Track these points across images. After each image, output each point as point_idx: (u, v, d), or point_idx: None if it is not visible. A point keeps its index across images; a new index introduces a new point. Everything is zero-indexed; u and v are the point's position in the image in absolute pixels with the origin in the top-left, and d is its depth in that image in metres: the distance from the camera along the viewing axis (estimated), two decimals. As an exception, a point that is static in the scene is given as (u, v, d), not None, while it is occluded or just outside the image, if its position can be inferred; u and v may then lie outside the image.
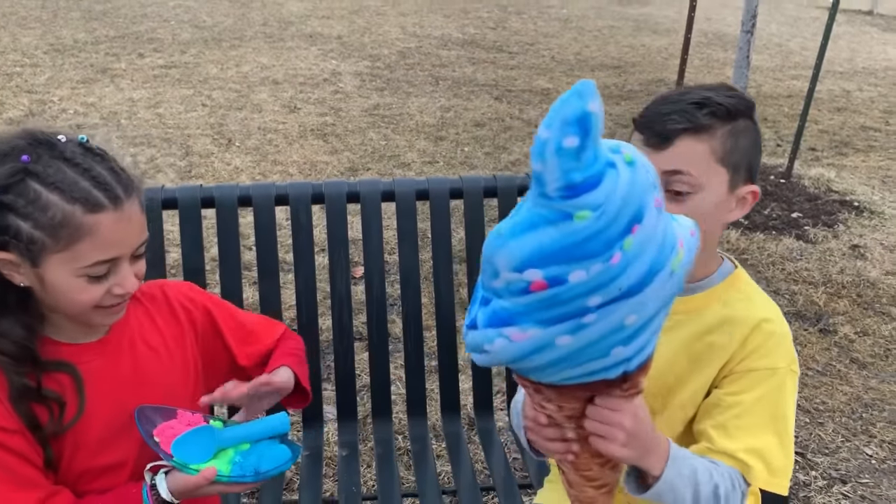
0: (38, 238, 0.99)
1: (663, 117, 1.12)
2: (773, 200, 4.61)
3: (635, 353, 0.89)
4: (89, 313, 1.07)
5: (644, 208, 0.81)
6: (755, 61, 9.37)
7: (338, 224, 1.73)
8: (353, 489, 1.57)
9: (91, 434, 1.09)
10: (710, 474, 1.11)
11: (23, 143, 1.01)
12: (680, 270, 0.86)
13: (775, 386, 1.14)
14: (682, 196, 1.11)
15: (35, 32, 8.45)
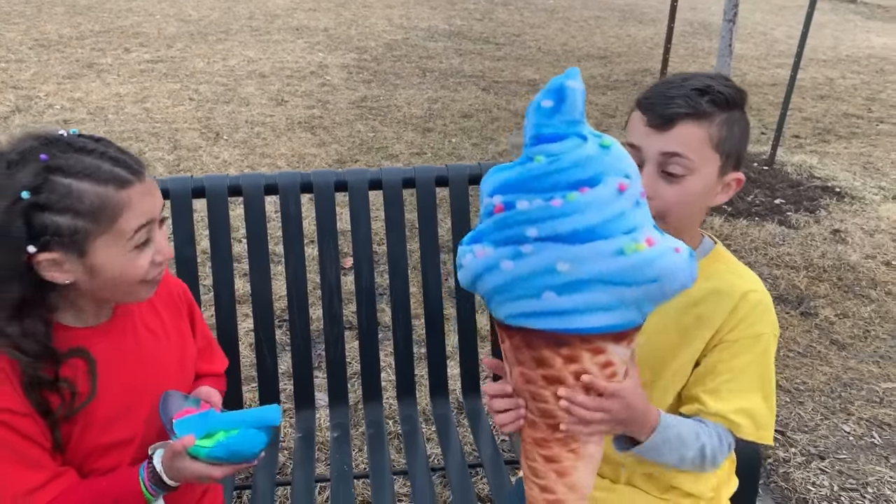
0: (81, 227, 1.03)
1: (667, 100, 1.17)
2: (757, 187, 4.68)
3: (582, 310, 0.99)
4: (137, 288, 1.13)
5: (599, 179, 0.96)
6: (739, 50, 9.44)
7: (327, 213, 1.78)
8: (344, 468, 1.62)
9: (99, 413, 1.14)
10: (696, 436, 1.20)
11: (34, 144, 1.05)
12: (636, 256, 0.96)
13: (761, 351, 1.21)
14: (677, 178, 1.17)
15: (19, 28, 8.41)
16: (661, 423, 1.18)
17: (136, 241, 1.08)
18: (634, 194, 0.98)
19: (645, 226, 0.99)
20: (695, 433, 1.21)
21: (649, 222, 1.00)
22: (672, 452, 1.20)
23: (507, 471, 1.63)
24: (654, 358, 1.27)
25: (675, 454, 1.20)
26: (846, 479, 2.37)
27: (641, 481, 1.33)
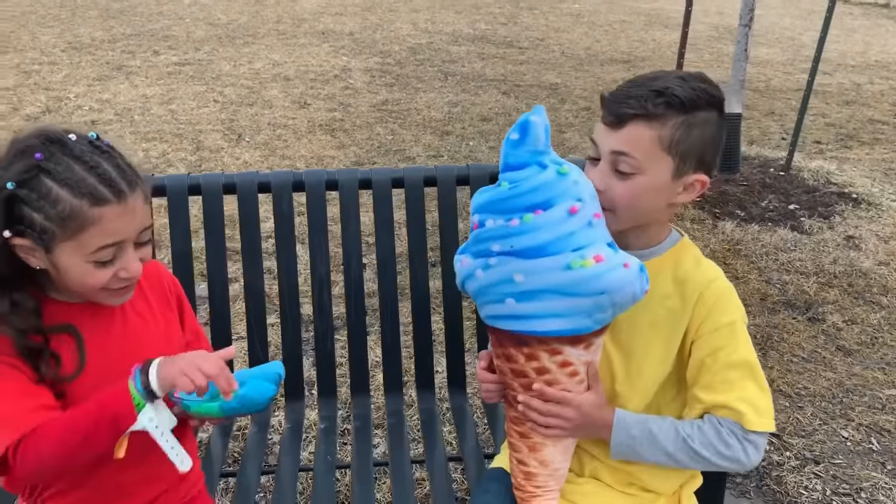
0: (49, 228, 1.10)
1: (623, 100, 1.20)
2: (771, 192, 4.66)
3: (536, 315, 1.15)
4: (98, 294, 1.19)
5: (552, 203, 1.12)
6: (766, 55, 9.37)
7: (318, 210, 1.84)
8: (327, 458, 1.68)
9: (86, 388, 1.20)
10: (674, 431, 1.25)
11: (37, 141, 1.12)
12: (581, 271, 1.11)
13: (739, 337, 1.24)
14: (626, 175, 1.21)
15: (54, 31, 8.64)
16: (616, 419, 1.25)
17: (98, 257, 1.14)
18: (587, 216, 1.13)
19: (595, 244, 1.13)
20: (672, 428, 1.26)
21: (602, 240, 1.14)
22: (650, 450, 1.26)
23: (486, 464, 1.67)
24: (627, 353, 1.30)
25: (654, 451, 1.25)
26: (840, 484, 2.37)
27: (606, 474, 1.36)
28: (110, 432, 1.13)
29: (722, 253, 3.95)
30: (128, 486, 1.27)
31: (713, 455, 1.24)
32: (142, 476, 1.26)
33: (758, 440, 1.24)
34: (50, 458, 1.12)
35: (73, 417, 1.14)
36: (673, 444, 1.24)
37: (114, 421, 1.13)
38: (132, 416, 1.13)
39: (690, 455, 1.24)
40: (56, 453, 1.12)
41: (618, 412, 1.27)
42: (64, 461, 1.14)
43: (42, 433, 1.12)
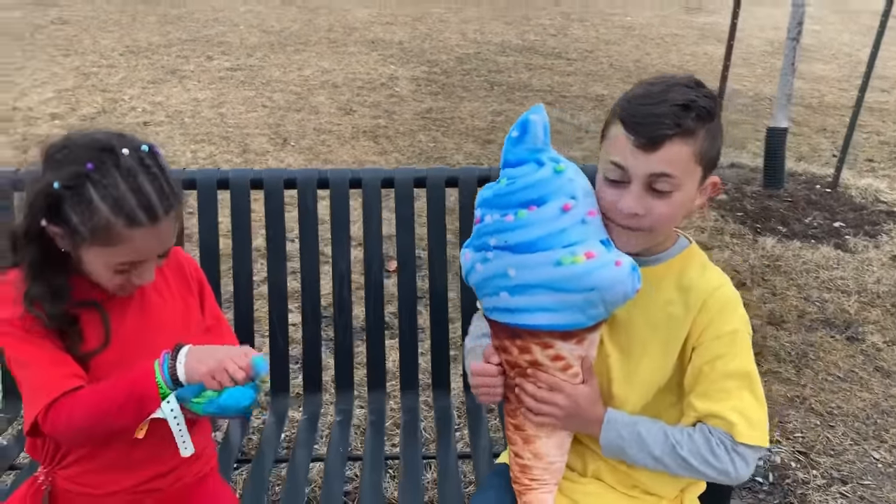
0: (81, 231, 1.17)
1: (654, 120, 1.15)
2: (816, 209, 4.56)
3: (528, 309, 1.18)
4: (109, 287, 1.27)
5: (546, 200, 1.15)
6: (821, 71, 9.18)
7: (341, 208, 1.88)
8: (340, 450, 1.71)
9: (108, 361, 1.27)
10: (663, 435, 1.25)
11: (92, 150, 1.18)
12: (571, 267, 1.13)
13: (740, 347, 1.23)
14: (664, 194, 1.19)
15: (113, 35, 8.94)
16: (607, 418, 1.26)
17: (118, 268, 1.21)
18: (580, 213, 1.15)
19: (588, 240, 1.14)
20: (662, 432, 1.25)
21: (595, 237, 1.16)
22: (638, 452, 1.25)
23: (493, 462, 1.68)
24: (626, 354, 1.30)
25: (641, 453, 1.25)
26: (867, 506, 2.32)
27: (608, 475, 1.36)
28: (136, 411, 1.20)
29: (761, 268, 3.89)
30: (140, 460, 1.32)
31: (700, 464, 1.23)
32: (153, 452, 1.31)
33: (747, 453, 1.23)
34: (79, 423, 1.20)
35: (106, 389, 1.21)
36: (660, 449, 1.24)
37: (140, 402, 1.20)
38: (157, 402, 1.20)
39: (678, 462, 1.24)
40: (85, 420, 1.20)
41: (610, 411, 1.28)
42: (91, 429, 1.22)
43: (76, 398, 1.19)
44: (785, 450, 2.56)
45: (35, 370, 1.22)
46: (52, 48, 8.18)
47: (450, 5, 12.42)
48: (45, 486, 1.32)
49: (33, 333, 1.22)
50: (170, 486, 1.38)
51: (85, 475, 1.33)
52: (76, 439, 1.28)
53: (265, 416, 1.94)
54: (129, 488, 1.34)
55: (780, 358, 3.11)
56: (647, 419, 1.29)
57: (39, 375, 1.21)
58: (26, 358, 1.22)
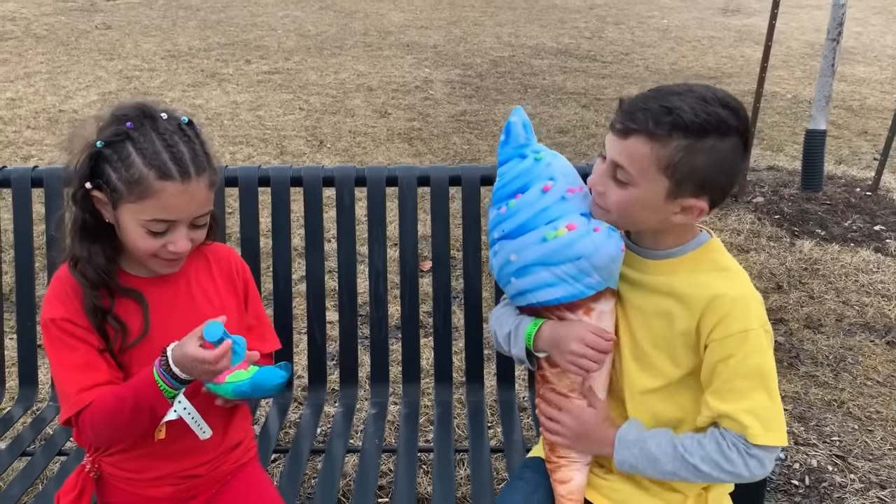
0: (119, 188, 1.24)
1: (632, 111, 1.19)
2: (856, 212, 4.49)
3: (533, 288, 1.29)
4: (148, 259, 1.32)
5: (529, 186, 1.27)
6: (864, 73, 9.01)
7: (377, 205, 1.92)
8: (376, 441, 1.74)
9: (148, 351, 1.32)
10: (672, 448, 1.26)
11: (133, 112, 1.27)
12: (556, 241, 1.23)
13: (753, 346, 1.22)
14: (620, 183, 1.23)
15: (155, 40, 9.14)
16: (618, 438, 1.30)
17: (151, 227, 1.26)
18: (559, 191, 1.26)
19: (568, 214, 1.24)
20: (671, 445, 1.26)
21: (576, 211, 1.25)
22: (650, 468, 1.28)
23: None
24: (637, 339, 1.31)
25: (654, 470, 1.28)
26: (906, 511, 2.28)
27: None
28: (149, 417, 1.26)
29: (798, 272, 3.84)
30: (181, 449, 1.37)
31: (713, 469, 1.23)
32: (194, 442, 1.35)
33: (762, 455, 1.22)
34: (102, 432, 1.29)
35: (117, 401, 1.26)
36: (672, 463, 1.25)
37: (151, 409, 1.25)
38: (166, 405, 1.25)
39: (690, 470, 1.25)
40: (106, 429, 1.28)
41: (619, 430, 1.30)
42: (115, 435, 1.31)
43: (94, 411, 1.26)
44: (822, 453, 2.53)
45: (62, 375, 1.29)
46: (96, 52, 8.39)
47: (485, 9, 12.45)
48: (93, 472, 1.38)
49: (71, 335, 1.28)
50: (209, 473, 1.42)
51: (128, 461, 1.38)
52: (105, 443, 1.36)
53: (302, 410, 1.97)
54: (171, 474, 1.39)
55: (818, 362, 3.08)
56: (658, 432, 1.29)
57: (65, 384, 1.28)
58: (56, 363, 1.30)
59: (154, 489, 1.39)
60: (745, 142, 1.21)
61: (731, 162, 1.20)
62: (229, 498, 1.43)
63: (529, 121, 1.33)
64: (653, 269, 1.30)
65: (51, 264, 1.93)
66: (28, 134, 5.71)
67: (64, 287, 1.31)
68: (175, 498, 1.40)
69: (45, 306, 1.32)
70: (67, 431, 1.86)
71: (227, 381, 1.27)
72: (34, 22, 9.93)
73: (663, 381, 1.30)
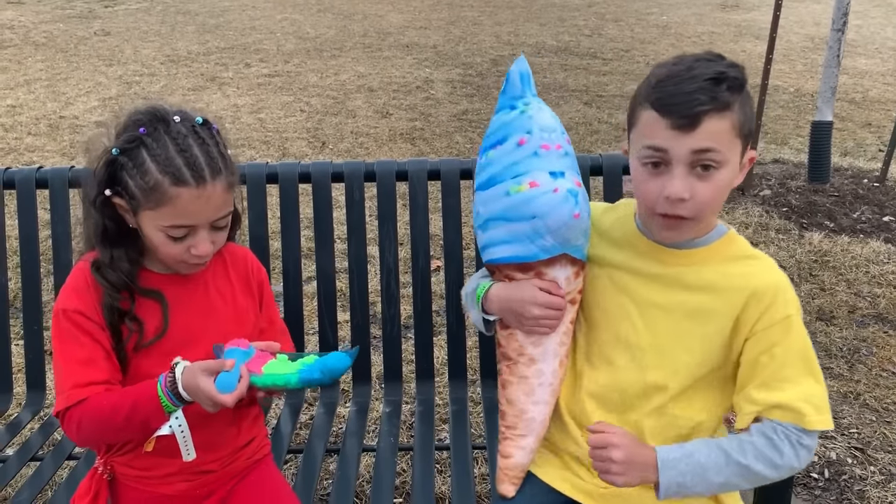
0: (137, 195, 1.23)
1: (687, 98, 1.13)
2: (865, 203, 4.46)
3: (490, 243, 1.27)
4: (174, 264, 1.31)
5: (507, 138, 1.23)
6: (865, 65, 8.99)
7: (387, 200, 1.89)
8: (391, 439, 1.71)
9: (165, 349, 1.31)
10: (724, 455, 1.18)
11: (146, 117, 1.25)
12: (516, 196, 1.20)
13: (795, 332, 1.19)
14: (708, 174, 1.16)
15: (154, 45, 9.12)
16: (661, 459, 1.19)
17: (170, 232, 1.25)
18: (533, 146, 1.21)
19: (535, 171, 1.20)
20: (720, 451, 1.19)
21: (545, 168, 1.20)
22: (700, 483, 1.19)
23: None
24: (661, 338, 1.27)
25: (704, 483, 1.19)
26: (929, 502, 2.24)
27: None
28: (141, 428, 1.25)
29: (808, 264, 3.81)
30: (194, 446, 1.33)
31: (767, 467, 1.18)
32: (205, 442, 1.33)
33: (810, 443, 1.20)
34: (87, 433, 1.26)
35: (112, 405, 1.24)
36: (724, 470, 1.18)
37: (145, 421, 1.24)
38: (162, 419, 1.23)
39: (743, 474, 1.19)
40: (93, 430, 1.26)
41: (659, 450, 1.20)
42: (99, 438, 1.30)
43: (84, 410, 1.24)
44: (840, 446, 2.49)
45: (62, 368, 1.27)
46: (95, 58, 8.37)
47: (483, 8, 12.43)
48: (106, 474, 1.35)
49: (81, 328, 1.27)
50: (222, 469, 1.40)
51: (138, 458, 1.36)
52: (87, 444, 1.37)
53: (314, 410, 1.94)
54: (183, 470, 1.36)
55: (832, 354, 3.04)
56: (698, 442, 1.23)
57: (63, 377, 1.27)
58: (60, 354, 1.28)
59: (167, 486, 1.37)
60: None
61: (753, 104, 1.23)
62: (244, 494, 1.41)
63: (529, 71, 1.27)
64: (682, 258, 1.26)
65: (57, 267, 1.90)
66: (29, 140, 5.69)
67: (84, 279, 1.29)
68: (190, 495, 1.38)
69: (61, 296, 1.31)
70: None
71: (267, 372, 1.25)
72: (33, 30, 9.91)
73: (685, 381, 1.26)
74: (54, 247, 1.91)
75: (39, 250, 1.94)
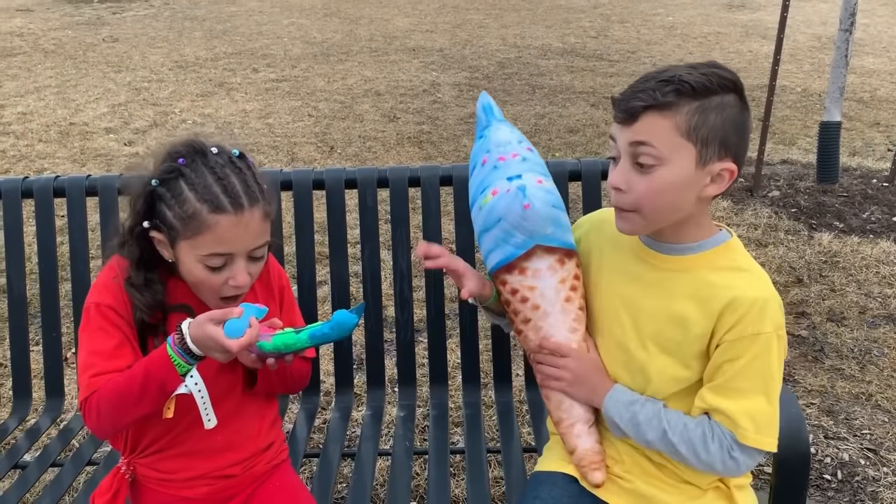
0: (175, 225, 1.25)
1: (632, 96, 1.18)
2: (874, 204, 4.46)
3: (484, 256, 1.37)
4: (211, 296, 1.32)
5: (475, 163, 1.38)
6: (873, 65, 8.96)
7: (400, 205, 1.90)
8: (406, 443, 1.73)
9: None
10: (658, 420, 1.25)
11: (184, 149, 1.29)
12: (485, 207, 1.32)
13: (762, 349, 1.20)
14: (647, 168, 1.18)
15: (162, 51, 9.17)
16: (612, 393, 1.30)
17: (209, 261, 1.26)
18: (492, 161, 1.34)
19: (496, 181, 1.31)
20: (658, 417, 1.25)
21: (503, 176, 1.31)
22: (634, 434, 1.27)
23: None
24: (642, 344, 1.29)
25: (635, 435, 1.27)
26: (942, 503, 2.25)
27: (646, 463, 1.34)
28: (157, 394, 1.23)
29: (818, 265, 3.81)
30: (216, 448, 1.37)
31: (689, 454, 1.23)
32: (227, 441, 1.35)
33: (743, 458, 1.22)
34: (106, 416, 1.26)
35: (124, 380, 1.25)
36: (652, 434, 1.26)
37: (160, 384, 1.23)
38: (177, 380, 1.23)
39: (667, 447, 1.25)
40: (111, 411, 1.26)
41: (615, 386, 1.31)
42: (118, 418, 1.28)
43: (101, 393, 1.25)
44: (853, 447, 2.50)
45: (86, 360, 1.29)
46: (104, 65, 8.43)
47: (489, 11, 12.45)
48: (128, 475, 1.37)
49: (112, 322, 1.29)
50: (243, 473, 1.42)
51: (163, 461, 1.38)
52: (108, 431, 1.35)
53: (328, 414, 1.96)
54: (206, 474, 1.38)
55: (843, 355, 3.04)
56: (650, 401, 1.28)
57: (85, 367, 1.28)
58: (86, 346, 1.30)
59: (189, 490, 1.38)
60: (743, 98, 1.21)
61: (741, 117, 1.20)
62: (264, 497, 1.43)
63: (491, 103, 1.42)
64: (672, 263, 1.27)
65: (74, 275, 1.92)
66: (40, 147, 5.74)
67: (117, 278, 1.32)
68: (211, 499, 1.40)
69: (93, 291, 1.33)
70: (95, 441, 1.85)
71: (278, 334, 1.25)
72: (42, 37, 9.98)
73: (669, 387, 1.28)
74: (71, 255, 1.93)
75: (58, 259, 1.97)
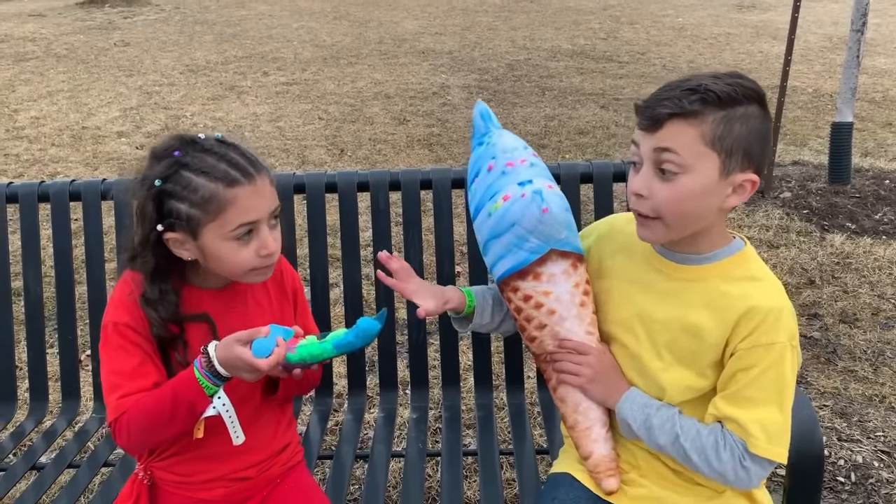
0: (194, 214, 1.25)
1: (656, 103, 1.18)
2: (887, 205, 4.43)
3: (492, 264, 1.36)
4: (246, 274, 1.32)
5: (480, 169, 1.37)
6: (884, 65, 8.92)
7: (412, 206, 1.91)
8: (419, 445, 1.73)
9: None
10: (672, 425, 1.25)
11: (175, 143, 1.29)
12: (496, 213, 1.31)
13: (776, 359, 1.20)
14: (670, 175, 1.18)
15: (173, 55, 9.23)
16: (628, 394, 1.30)
17: (238, 234, 1.27)
18: (499, 167, 1.33)
19: (506, 186, 1.30)
20: (672, 422, 1.25)
21: (514, 181, 1.30)
22: (646, 438, 1.27)
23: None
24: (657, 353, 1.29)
25: (647, 438, 1.27)
26: (957, 505, 2.23)
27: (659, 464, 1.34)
28: (187, 416, 1.26)
29: (830, 266, 3.79)
30: (232, 451, 1.37)
31: (701, 462, 1.23)
32: (244, 444, 1.35)
33: (754, 467, 1.21)
34: (136, 436, 1.28)
35: (154, 403, 1.26)
36: (665, 438, 1.25)
37: (190, 406, 1.25)
38: (206, 402, 1.25)
39: (679, 454, 1.25)
40: (142, 433, 1.28)
41: (632, 388, 1.31)
42: (149, 437, 1.30)
43: (131, 415, 1.26)
44: (867, 449, 2.49)
45: (111, 380, 1.30)
46: (115, 69, 8.49)
47: (498, 14, 12.47)
48: (146, 480, 1.38)
49: (131, 341, 1.30)
50: (259, 475, 1.43)
51: (179, 465, 1.39)
52: (142, 448, 1.37)
53: (341, 416, 1.97)
54: (222, 476, 1.40)
55: (856, 356, 3.03)
56: (665, 406, 1.28)
57: (111, 388, 1.29)
58: (108, 366, 1.31)
59: (206, 492, 1.40)
60: (765, 108, 1.22)
61: (765, 127, 1.21)
62: (280, 499, 1.44)
63: (488, 110, 1.43)
64: (686, 273, 1.27)
65: (90, 279, 1.94)
66: (53, 151, 5.78)
67: (131, 293, 1.32)
68: (227, 501, 1.41)
69: (109, 308, 1.33)
70: (111, 443, 1.87)
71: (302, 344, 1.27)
72: (54, 42, 10.07)
73: (683, 395, 1.29)
74: (87, 258, 1.95)
75: (73, 262, 1.98)
